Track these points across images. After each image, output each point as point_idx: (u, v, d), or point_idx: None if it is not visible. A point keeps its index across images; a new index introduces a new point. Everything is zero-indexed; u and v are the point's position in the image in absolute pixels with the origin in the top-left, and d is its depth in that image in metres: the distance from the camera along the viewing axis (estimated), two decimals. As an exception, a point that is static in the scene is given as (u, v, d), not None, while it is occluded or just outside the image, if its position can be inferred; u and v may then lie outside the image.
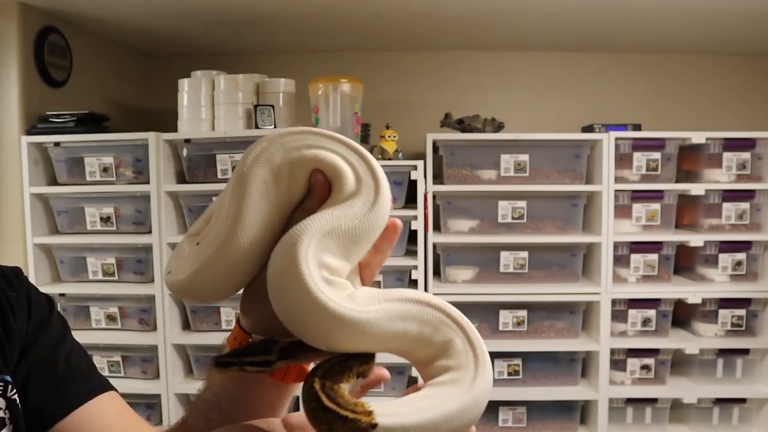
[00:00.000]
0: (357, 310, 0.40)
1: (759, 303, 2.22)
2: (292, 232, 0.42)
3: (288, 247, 0.41)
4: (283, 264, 0.41)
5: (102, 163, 2.13)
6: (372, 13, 2.23)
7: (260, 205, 0.45)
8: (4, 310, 0.60)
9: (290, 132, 0.46)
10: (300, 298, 0.40)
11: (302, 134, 0.46)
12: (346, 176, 0.45)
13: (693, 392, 2.20)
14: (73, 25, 2.29)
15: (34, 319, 0.63)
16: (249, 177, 0.45)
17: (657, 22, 2.33)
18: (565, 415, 2.27)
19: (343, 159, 0.46)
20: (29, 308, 0.63)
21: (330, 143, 0.46)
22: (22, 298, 0.63)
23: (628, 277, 2.22)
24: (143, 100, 2.82)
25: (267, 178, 0.45)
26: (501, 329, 2.23)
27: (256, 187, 0.45)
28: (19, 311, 0.61)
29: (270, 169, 0.45)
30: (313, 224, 0.42)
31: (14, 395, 0.57)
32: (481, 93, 2.80)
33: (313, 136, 0.46)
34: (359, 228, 0.43)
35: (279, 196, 0.46)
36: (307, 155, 0.45)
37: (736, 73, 2.80)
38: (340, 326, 0.40)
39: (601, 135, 2.15)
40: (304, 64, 2.74)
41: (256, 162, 0.45)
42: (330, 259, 0.42)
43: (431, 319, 0.43)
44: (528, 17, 2.28)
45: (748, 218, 2.20)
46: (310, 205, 0.46)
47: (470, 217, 2.23)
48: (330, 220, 0.42)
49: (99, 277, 2.18)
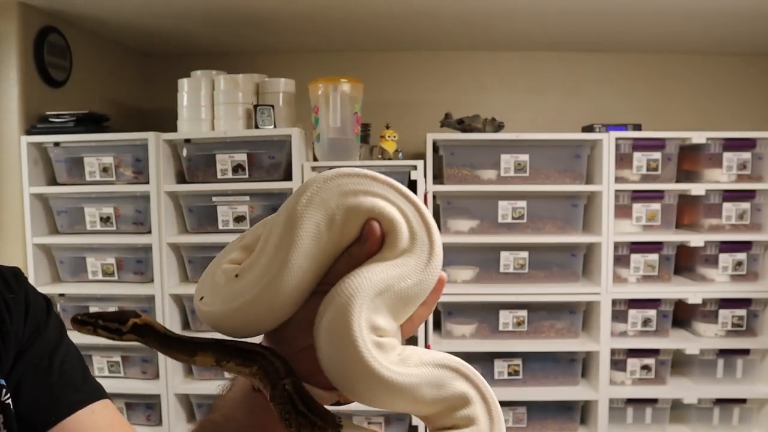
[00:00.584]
0: (404, 374, 0.41)
1: (759, 303, 2.22)
2: (345, 290, 0.41)
3: (341, 308, 0.41)
4: (335, 325, 0.41)
5: (102, 163, 2.12)
6: (372, 13, 2.23)
7: (311, 250, 0.43)
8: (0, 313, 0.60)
9: (347, 174, 0.44)
10: (352, 362, 0.40)
11: (358, 178, 0.44)
12: (401, 231, 0.44)
13: (693, 392, 2.20)
14: (73, 25, 2.29)
15: (31, 322, 0.62)
16: (303, 219, 0.43)
17: (657, 22, 2.33)
18: (565, 415, 2.26)
19: (399, 210, 0.44)
20: (26, 310, 0.62)
21: (386, 191, 0.44)
22: (20, 300, 0.62)
23: (629, 277, 2.22)
24: (143, 100, 2.82)
25: (321, 222, 0.43)
26: (501, 329, 2.23)
27: (309, 231, 0.43)
28: (16, 313, 0.61)
29: (325, 212, 0.43)
30: (366, 283, 0.41)
31: (8, 399, 0.57)
32: (481, 93, 2.80)
33: (370, 182, 0.44)
34: (411, 290, 0.43)
35: (330, 241, 0.44)
36: (364, 203, 0.44)
37: (736, 73, 2.80)
38: (387, 390, 0.41)
39: (602, 135, 2.15)
40: (304, 64, 2.74)
41: (311, 203, 0.43)
42: (380, 320, 0.42)
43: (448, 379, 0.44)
44: (528, 17, 2.28)
45: (749, 218, 2.19)
46: (357, 251, 0.44)
47: (470, 217, 2.23)
48: (384, 280, 0.42)
49: (99, 277, 2.18)
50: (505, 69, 2.81)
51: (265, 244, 0.45)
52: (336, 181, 0.44)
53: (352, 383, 0.41)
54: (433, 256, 0.44)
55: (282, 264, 0.42)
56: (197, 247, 2.18)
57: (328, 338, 0.41)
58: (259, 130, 2.09)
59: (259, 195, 2.13)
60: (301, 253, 0.43)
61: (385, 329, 0.42)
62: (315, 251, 0.43)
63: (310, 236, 0.43)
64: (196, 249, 2.19)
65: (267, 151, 2.12)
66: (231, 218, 2.14)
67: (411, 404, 0.42)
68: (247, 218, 2.14)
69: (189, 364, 0.49)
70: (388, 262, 0.43)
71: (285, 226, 0.43)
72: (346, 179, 0.44)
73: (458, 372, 0.44)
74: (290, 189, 2.09)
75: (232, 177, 2.12)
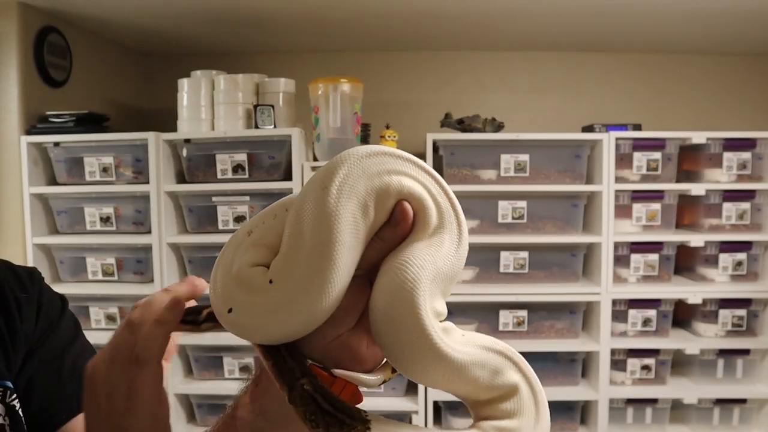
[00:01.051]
0: (468, 353, 0.42)
1: (759, 303, 2.21)
2: (405, 281, 0.40)
3: (407, 300, 0.40)
4: (403, 317, 0.40)
5: (102, 163, 2.12)
6: (372, 13, 2.23)
7: (352, 243, 0.41)
8: (11, 312, 0.60)
9: (369, 154, 0.42)
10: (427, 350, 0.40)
11: (381, 156, 0.42)
12: (431, 209, 0.43)
13: (693, 392, 2.20)
14: (73, 25, 2.29)
15: (44, 321, 0.62)
16: (339, 214, 0.40)
17: (657, 22, 2.33)
18: (565, 415, 2.26)
19: (424, 188, 0.43)
20: (39, 310, 0.62)
21: (411, 168, 0.43)
22: (33, 300, 0.62)
23: (629, 277, 2.22)
24: (143, 100, 2.82)
25: (356, 212, 0.41)
26: (501, 329, 2.23)
27: (348, 225, 0.40)
28: (28, 313, 0.61)
29: (357, 202, 0.41)
30: (422, 272, 0.41)
31: (14, 401, 0.57)
32: (481, 93, 2.80)
33: (393, 159, 0.43)
34: (453, 268, 0.43)
35: (366, 229, 0.42)
36: (392, 184, 0.42)
37: (736, 73, 2.80)
38: (454, 371, 0.41)
39: (602, 135, 2.15)
40: (304, 64, 2.74)
41: (341, 194, 0.40)
42: (438, 304, 0.43)
43: (501, 366, 0.44)
44: (528, 17, 2.28)
45: (749, 218, 2.19)
46: (390, 234, 0.43)
47: (470, 217, 2.23)
48: (432, 263, 0.41)
49: (99, 277, 2.18)
50: (505, 69, 2.81)
51: (299, 242, 0.40)
52: (360, 165, 0.42)
53: (421, 366, 0.41)
54: (462, 232, 0.44)
55: (328, 264, 0.39)
56: (197, 247, 2.18)
57: (395, 329, 0.41)
58: (259, 130, 2.09)
59: (259, 195, 2.13)
60: (345, 249, 0.40)
61: (442, 313, 0.43)
62: (355, 243, 0.41)
63: (350, 230, 0.40)
64: (196, 249, 2.19)
65: (267, 151, 2.12)
66: (231, 218, 2.14)
67: (469, 386, 0.43)
68: (247, 218, 2.14)
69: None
70: (426, 242, 0.42)
71: (321, 222, 0.40)
72: (368, 160, 0.42)
73: (512, 361, 0.44)
74: (290, 189, 2.09)
75: (232, 177, 2.12)
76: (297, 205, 0.42)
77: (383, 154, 0.43)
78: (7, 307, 0.60)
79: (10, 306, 0.60)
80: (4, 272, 0.62)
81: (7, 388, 0.57)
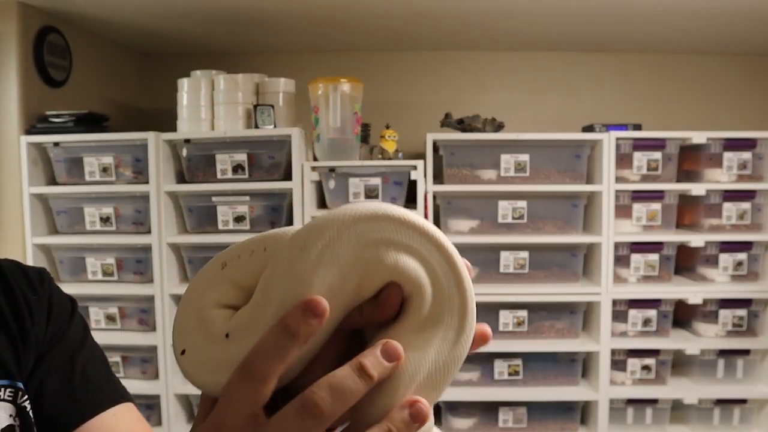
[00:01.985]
0: None
1: (760, 303, 2.21)
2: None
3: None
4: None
5: (101, 163, 2.12)
6: (372, 13, 2.23)
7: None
8: (21, 314, 0.59)
9: (366, 217, 0.36)
10: None
11: (381, 222, 0.36)
12: (426, 295, 0.37)
13: (694, 393, 2.20)
14: (72, 25, 2.29)
15: (54, 323, 0.62)
16: (311, 284, 0.35)
17: (657, 22, 2.33)
18: (565, 415, 2.26)
19: (427, 270, 0.37)
20: (49, 312, 0.62)
21: (416, 241, 0.37)
22: (43, 302, 0.62)
23: (629, 277, 2.22)
24: (143, 100, 2.82)
25: (334, 284, 0.35)
26: (501, 329, 2.22)
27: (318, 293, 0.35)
28: (38, 315, 0.61)
29: (339, 272, 0.35)
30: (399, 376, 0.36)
31: (25, 402, 0.57)
32: (481, 93, 2.80)
33: (395, 226, 0.36)
34: (441, 372, 0.36)
35: (343, 302, 0.36)
36: (386, 262, 0.36)
37: (737, 73, 2.80)
38: None
39: (602, 135, 2.14)
40: (304, 64, 2.74)
41: (321, 260, 0.35)
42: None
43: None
44: (528, 17, 2.28)
45: (749, 218, 2.19)
46: (370, 312, 0.38)
47: (470, 217, 2.23)
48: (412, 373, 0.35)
49: (98, 277, 2.18)
50: (505, 69, 2.81)
51: (264, 301, 0.37)
52: (353, 229, 0.36)
53: None
54: (465, 326, 0.37)
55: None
56: (197, 247, 2.18)
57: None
58: (259, 130, 2.09)
59: (259, 195, 2.13)
60: None
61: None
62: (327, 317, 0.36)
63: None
64: (196, 249, 2.19)
65: (267, 151, 2.12)
66: (231, 218, 2.14)
67: None
68: (247, 218, 2.14)
69: None
70: (414, 334, 0.36)
71: (289, 287, 0.35)
72: (363, 225, 0.36)
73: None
74: (290, 189, 2.09)
75: (232, 177, 2.12)
76: (274, 261, 0.37)
77: (385, 218, 0.36)
78: (18, 308, 0.60)
79: (21, 307, 0.60)
80: (15, 273, 0.62)
81: (18, 389, 0.56)
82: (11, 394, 0.55)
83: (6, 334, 0.58)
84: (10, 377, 0.56)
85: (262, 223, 2.16)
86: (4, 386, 0.55)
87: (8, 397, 0.55)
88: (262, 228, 2.16)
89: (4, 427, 0.53)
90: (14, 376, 0.56)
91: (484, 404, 2.25)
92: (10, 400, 0.55)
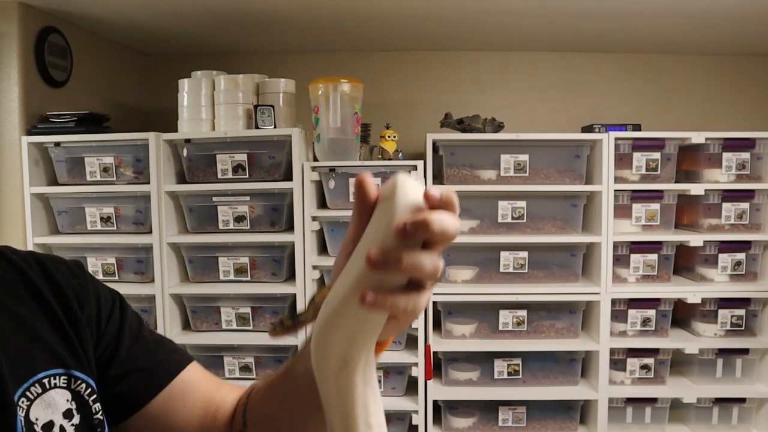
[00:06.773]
0: None
1: (758, 303, 2.22)
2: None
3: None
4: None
5: (102, 163, 2.13)
6: (372, 13, 2.23)
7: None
8: (68, 302, 0.63)
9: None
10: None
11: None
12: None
13: (692, 392, 2.20)
14: (73, 25, 2.30)
15: (105, 309, 0.67)
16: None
17: (657, 23, 2.34)
18: (564, 414, 2.27)
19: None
20: (98, 297, 0.67)
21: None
22: (87, 287, 0.66)
23: (628, 277, 2.23)
24: (143, 100, 2.83)
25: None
26: (501, 329, 2.23)
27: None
28: (86, 301, 0.65)
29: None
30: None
31: (79, 387, 0.61)
32: (481, 93, 2.80)
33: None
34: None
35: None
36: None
37: (736, 73, 2.80)
38: None
39: (601, 135, 2.15)
40: (304, 64, 2.74)
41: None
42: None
43: None
44: (528, 17, 2.28)
45: (748, 218, 2.20)
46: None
47: (470, 217, 2.23)
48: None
49: (99, 277, 2.18)
50: (505, 69, 2.82)
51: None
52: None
53: None
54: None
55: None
56: (197, 247, 2.19)
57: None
58: (259, 130, 2.10)
59: (259, 195, 2.13)
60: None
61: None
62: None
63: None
64: (196, 249, 2.19)
65: (267, 151, 2.12)
66: (231, 218, 2.14)
67: None
68: (247, 218, 2.14)
69: None
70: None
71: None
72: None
73: None
74: (290, 189, 2.09)
75: (233, 177, 2.12)
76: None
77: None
78: (64, 296, 0.63)
79: (67, 294, 0.63)
80: (57, 264, 0.66)
81: (72, 376, 0.60)
82: (65, 380, 0.60)
83: (55, 325, 0.61)
84: (63, 365, 0.60)
85: (262, 223, 2.16)
86: (58, 374, 0.59)
87: (63, 384, 0.59)
88: (262, 228, 2.16)
89: (65, 411, 0.59)
90: (68, 364, 0.60)
91: (483, 403, 2.26)
92: (65, 387, 0.59)
